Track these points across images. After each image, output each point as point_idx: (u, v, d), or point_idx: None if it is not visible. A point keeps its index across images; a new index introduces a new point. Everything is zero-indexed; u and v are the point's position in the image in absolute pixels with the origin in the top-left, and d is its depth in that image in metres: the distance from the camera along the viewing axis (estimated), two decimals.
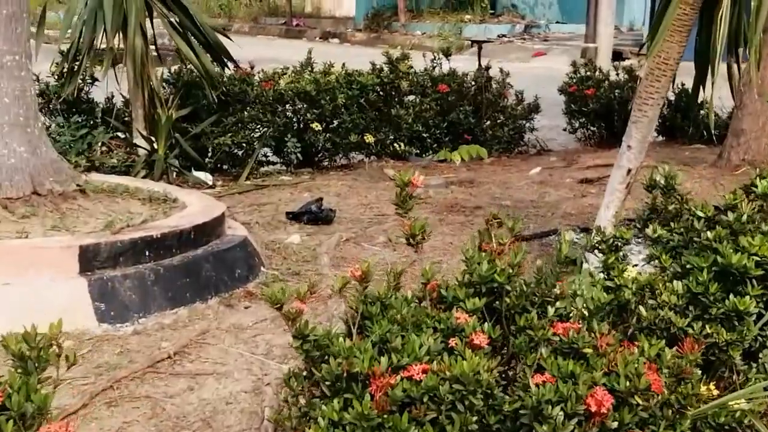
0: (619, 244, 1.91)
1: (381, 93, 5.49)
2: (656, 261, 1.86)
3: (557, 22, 21.51)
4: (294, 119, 5.18)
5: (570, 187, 4.66)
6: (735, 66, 3.27)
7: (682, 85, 6.47)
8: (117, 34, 4.44)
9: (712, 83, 3.02)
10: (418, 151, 5.70)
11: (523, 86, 11.94)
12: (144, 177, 4.47)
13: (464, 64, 15.96)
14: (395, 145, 5.47)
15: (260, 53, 15.96)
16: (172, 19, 4.71)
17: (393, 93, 5.52)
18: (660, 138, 6.78)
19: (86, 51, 4.39)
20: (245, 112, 4.95)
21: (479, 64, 11.74)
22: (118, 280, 2.69)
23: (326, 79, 5.19)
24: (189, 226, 2.98)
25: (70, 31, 4.57)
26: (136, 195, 3.33)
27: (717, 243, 1.77)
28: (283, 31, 23.56)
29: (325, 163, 5.34)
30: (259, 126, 5.03)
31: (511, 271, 1.58)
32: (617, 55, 16.18)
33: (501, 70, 6.02)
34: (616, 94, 6.31)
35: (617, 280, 1.70)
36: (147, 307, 2.71)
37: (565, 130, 6.64)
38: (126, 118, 4.78)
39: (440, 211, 4.06)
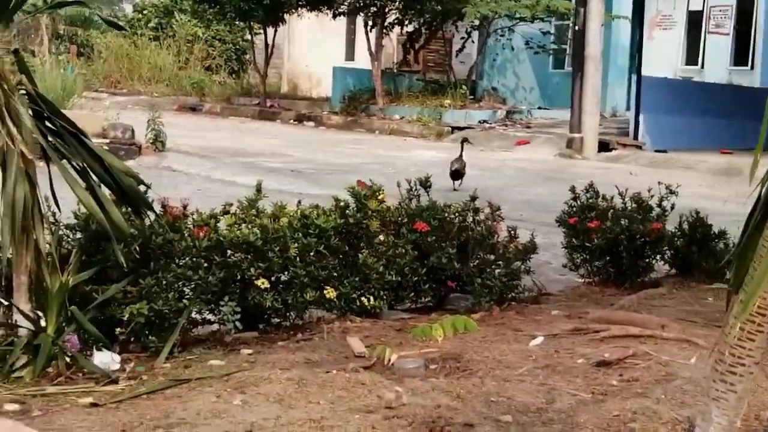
0: None
1: (345, 236, 4.46)
2: None
3: (539, 108, 20.87)
4: (234, 272, 4.11)
5: (584, 374, 3.62)
6: None
7: (697, 213, 5.59)
8: None
9: None
10: (393, 301, 4.66)
11: (509, 183, 11.19)
12: (25, 365, 3.40)
13: (445, 153, 15.15)
14: (363, 299, 4.41)
15: (226, 143, 15.04)
16: (74, 164, 3.69)
17: (360, 235, 4.49)
18: (672, 271, 5.84)
19: None
20: (169, 271, 3.89)
21: (460, 155, 10.96)
22: None
23: (276, 225, 4.15)
24: None
25: None
26: None
27: None
28: (256, 113, 22.76)
29: (274, 323, 4.29)
30: (187, 286, 3.97)
31: None
32: (603, 146, 15.46)
33: (490, 204, 4.99)
34: (623, 224, 5.35)
35: None
36: None
37: (566, 266, 5.66)
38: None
39: None
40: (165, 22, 33.26)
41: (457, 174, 10.74)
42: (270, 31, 23.47)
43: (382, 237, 4.60)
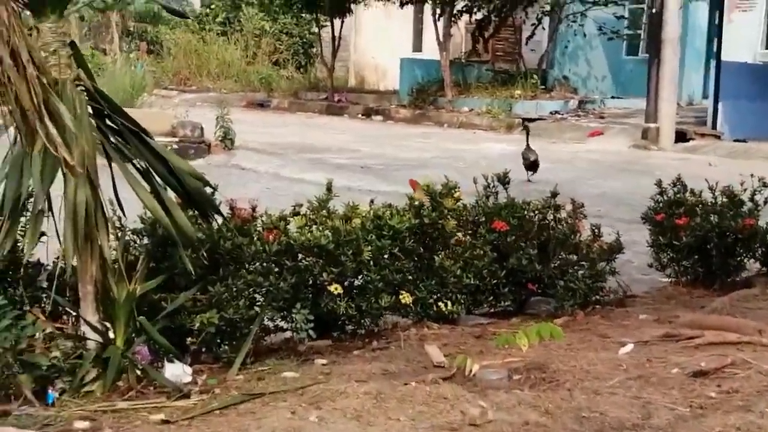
0: None
1: (420, 237, 4.26)
2: None
3: (612, 97, 20.25)
4: (306, 277, 3.95)
5: (680, 385, 3.36)
6: None
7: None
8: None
9: None
10: (471, 305, 4.44)
11: (582, 175, 10.83)
12: (95, 379, 3.28)
13: (515, 146, 14.82)
14: (440, 304, 4.21)
15: (294, 138, 14.96)
16: (136, 165, 3.55)
17: (436, 236, 4.29)
18: (765, 269, 5.48)
19: (10, 211, 3.24)
20: (239, 277, 3.74)
21: (527, 145, 10.64)
22: None
23: (348, 226, 3.98)
24: None
25: None
26: None
27: None
28: (323, 108, 22.65)
29: (349, 330, 4.12)
30: (258, 292, 3.82)
31: None
32: (680, 136, 14.91)
33: (573, 201, 4.72)
34: (713, 221, 5.04)
35: None
36: None
37: (651, 266, 5.38)
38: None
39: None
40: (233, 16, 33.44)
41: (534, 165, 10.55)
42: (337, 22, 23.34)
43: (458, 237, 4.39)
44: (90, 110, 3.46)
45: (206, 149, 11.74)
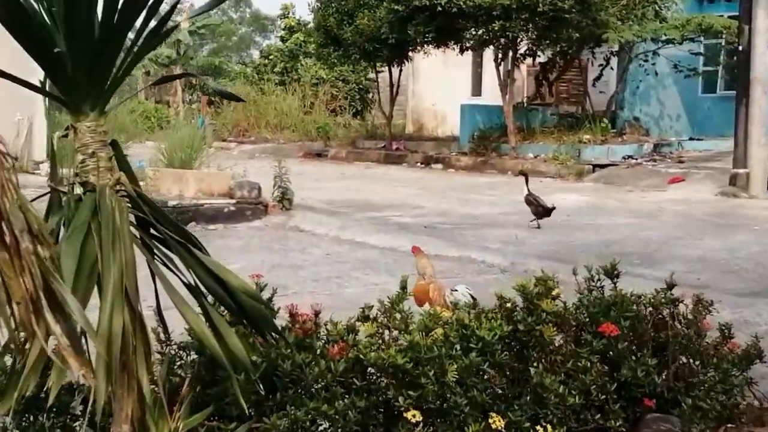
0: None
1: (513, 347, 3.56)
2: None
3: (690, 139, 19.30)
4: (378, 400, 3.27)
5: None
6: None
7: None
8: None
9: None
10: (574, 424, 3.69)
11: (672, 233, 10.00)
12: None
13: (589, 196, 14.02)
14: (538, 428, 3.48)
15: (353, 194, 14.38)
16: (187, 281, 2.93)
17: (532, 345, 3.58)
18: None
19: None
20: (301, 406, 3.08)
21: (528, 191, 10.28)
22: None
23: (428, 340, 3.29)
24: None
25: None
26: None
27: None
28: (382, 157, 22.13)
29: None
30: (323, 421, 3.16)
31: None
32: None
33: (695, 296, 3.96)
34: None
35: None
36: None
37: None
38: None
39: None
40: (290, 66, 33.42)
41: (550, 211, 10.58)
42: (394, 70, 22.91)
43: (557, 343, 3.67)
44: (132, 218, 2.87)
45: (263, 210, 11.22)
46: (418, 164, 21.16)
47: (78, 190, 2.71)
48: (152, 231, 2.98)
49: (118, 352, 2.67)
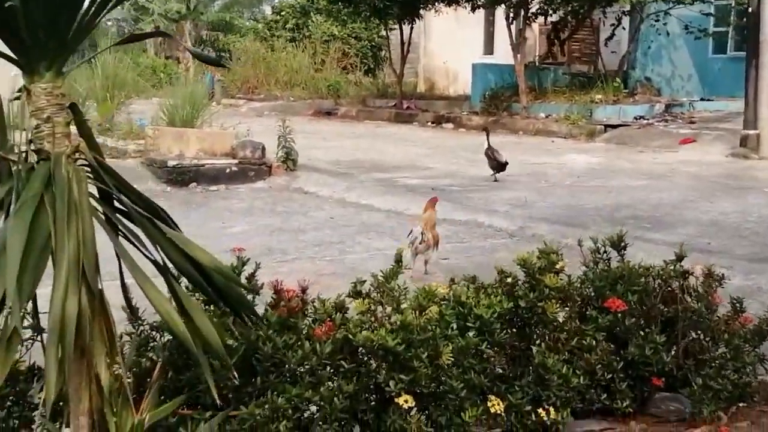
0: None
1: (514, 324, 3.34)
2: None
3: (702, 99, 18.92)
4: (368, 384, 3.06)
5: None
6: None
7: None
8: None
9: None
10: (578, 404, 3.48)
11: (684, 195, 9.71)
12: None
13: (600, 157, 13.72)
14: (539, 411, 3.27)
15: (361, 154, 14.12)
16: (157, 258, 2.70)
17: (535, 322, 3.35)
18: None
19: None
20: (283, 393, 2.87)
21: (488, 144, 10.85)
22: None
23: (422, 320, 3.06)
24: None
25: None
26: None
27: None
28: (392, 115, 21.81)
29: None
30: (307, 408, 2.95)
31: None
32: None
33: (705, 268, 3.71)
34: None
35: None
36: None
37: None
38: None
39: None
40: (302, 22, 32.97)
41: (505, 166, 11.07)
42: (405, 28, 22.49)
43: (561, 318, 3.45)
44: (95, 190, 2.63)
45: (267, 171, 10.97)
46: (429, 123, 20.83)
47: (33, 159, 2.47)
48: (116, 204, 2.75)
49: (73, 338, 2.45)
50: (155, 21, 38.89)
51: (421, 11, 22.16)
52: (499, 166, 10.98)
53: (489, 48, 26.21)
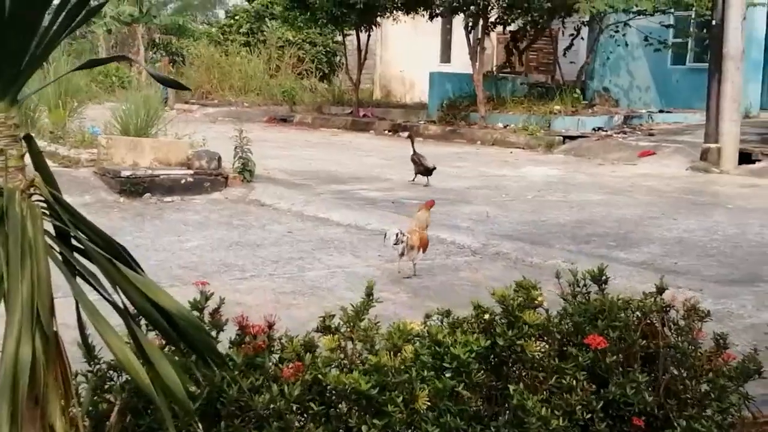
0: None
1: (491, 363, 3.18)
2: None
3: (660, 111, 19.04)
4: (338, 429, 2.88)
5: None
6: None
7: None
8: None
9: None
10: None
11: (647, 212, 9.65)
12: None
13: (559, 169, 13.68)
14: None
15: (318, 164, 13.91)
16: (112, 300, 2.49)
17: (512, 361, 3.20)
18: None
19: None
20: None
21: (414, 150, 11.45)
22: None
23: (396, 361, 2.89)
24: None
25: None
26: None
27: None
28: (348, 123, 21.65)
29: None
30: None
31: None
32: (745, 156, 13.68)
33: (686, 301, 3.58)
34: None
35: None
36: None
37: None
38: None
39: None
40: (256, 27, 32.67)
41: (432, 171, 11.55)
42: (363, 35, 22.34)
43: (537, 353, 3.28)
44: (50, 228, 2.42)
45: (223, 182, 10.71)
46: (386, 132, 20.70)
47: None
48: (74, 243, 2.54)
49: (26, 389, 2.25)
50: (107, 24, 38.26)
51: (379, 19, 22.03)
52: (426, 171, 11.51)
53: (446, 56, 26.21)
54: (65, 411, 2.42)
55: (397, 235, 6.63)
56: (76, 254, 2.50)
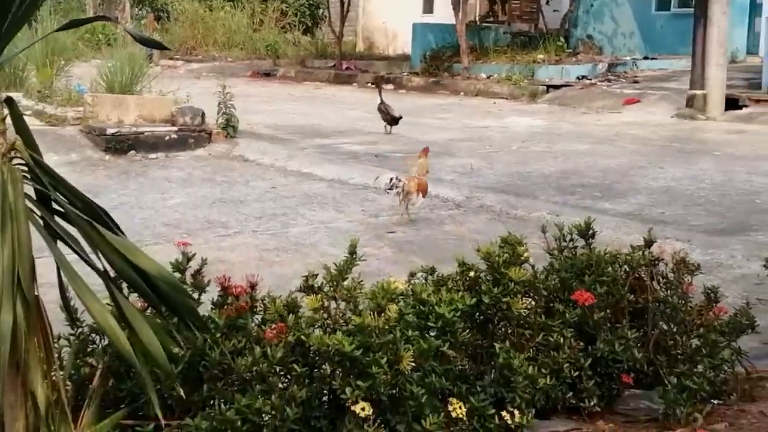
0: None
1: (476, 321, 3.14)
2: None
3: (645, 58, 18.86)
4: (321, 389, 2.84)
5: None
6: None
7: None
8: None
9: None
10: (543, 403, 3.30)
11: (633, 161, 9.60)
12: None
13: (544, 119, 13.59)
14: (503, 413, 3.08)
15: (301, 118, 13.76)
16: (98, 266, 2.43)
17: (497, 319, 3.16)
18: None
19: None
20: (229, 400, 2.64)
21: (381, 100, 11.71)
22: None
23: (380, 321, 2.83)
24: None
25: None
26: None
27: None
28: (332, 77, 21.42)
29: None
30: (257, 419, 2.71)
31: None
32: (731, 102, 13.55)
33: (676, 254, 3.53)
34: None
35: None
36: None
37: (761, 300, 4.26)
38: None
39: None
40: None
41: (398, 120, 11.82)
42: None
43: (523, 309, 3.23)
44: (32, 192, 2.35)
45: (207, 138, 10.61)
46: (369, 84, 20.49)
47: None
48: (54, 206, 2.47)
49: (7, 355, 2.20)
50: None
51: None
52: (392, 120, 11.70)
53: (429, 7, 25.90)
54: (47, 376, 2.39)
55: (391, 179, 6.67)
56: (56, 218, 2.44)
